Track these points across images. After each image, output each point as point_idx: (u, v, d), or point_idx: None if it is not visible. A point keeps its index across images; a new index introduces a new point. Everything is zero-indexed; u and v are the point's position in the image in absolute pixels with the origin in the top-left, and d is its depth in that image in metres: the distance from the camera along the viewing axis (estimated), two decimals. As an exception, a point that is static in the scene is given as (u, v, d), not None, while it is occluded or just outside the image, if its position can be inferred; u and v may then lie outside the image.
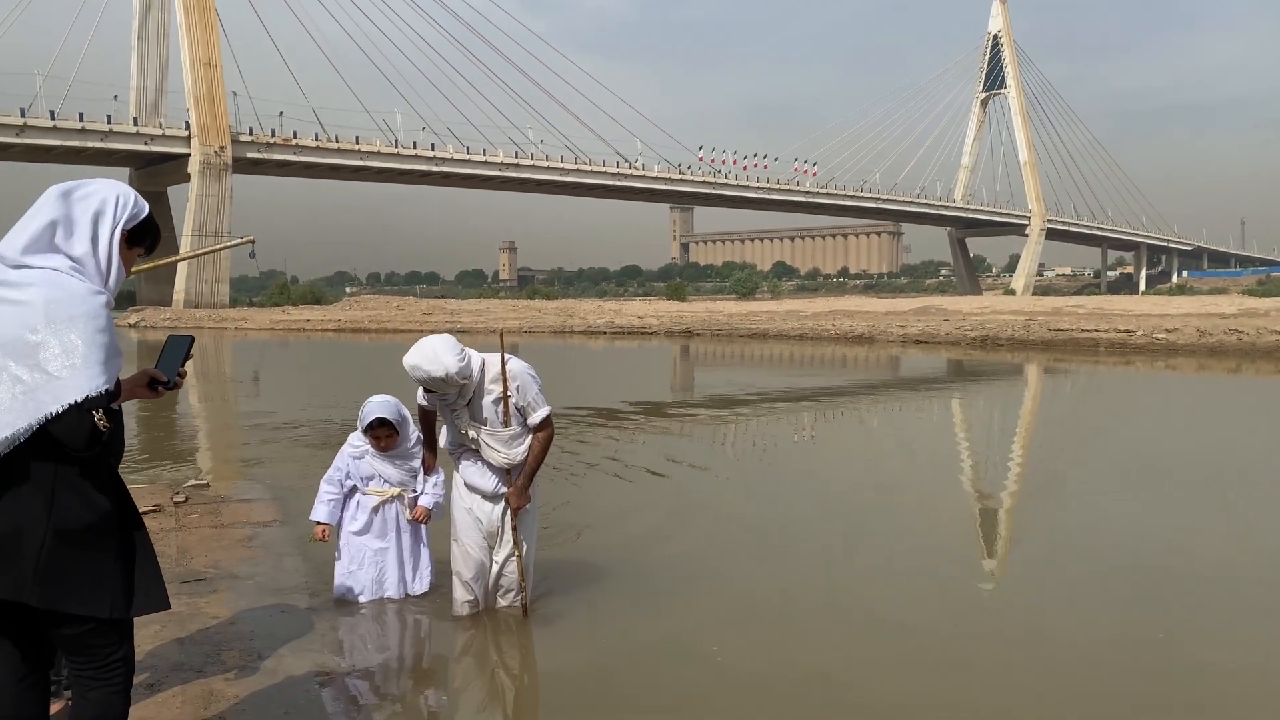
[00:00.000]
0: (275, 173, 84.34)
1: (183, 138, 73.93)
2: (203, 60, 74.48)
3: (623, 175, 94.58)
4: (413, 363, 4.09)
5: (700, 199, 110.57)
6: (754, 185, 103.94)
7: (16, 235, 2.27)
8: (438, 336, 4.21)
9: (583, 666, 4.02)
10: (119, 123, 72.08)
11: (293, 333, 43.93)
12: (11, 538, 2.12)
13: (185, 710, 3.33)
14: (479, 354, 4.30)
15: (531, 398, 4.31)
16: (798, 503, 7.44)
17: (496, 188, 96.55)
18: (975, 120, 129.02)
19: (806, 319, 37.10)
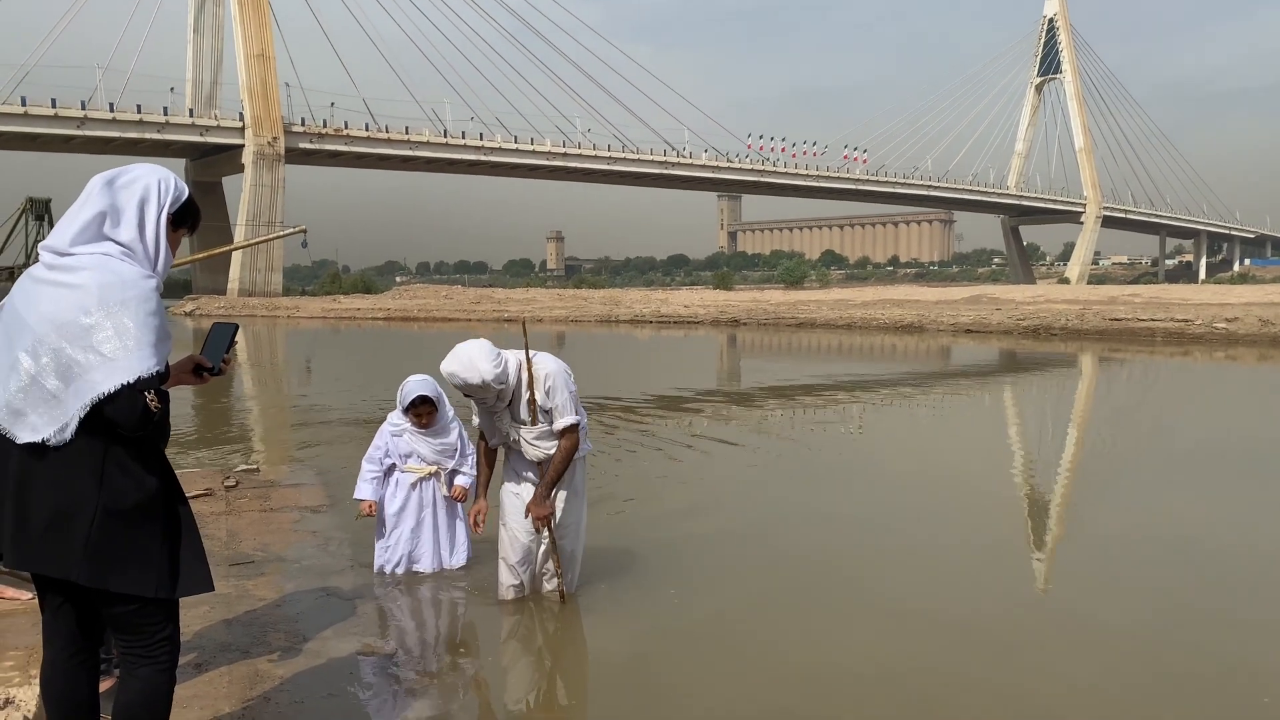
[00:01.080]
0: (326, 163, 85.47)
1: (237, 129, 75.22)
2: (256, 52, 75.63)
3: (670, 164, 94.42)
4: (450, 370, 4.10)
5: (748, 187, 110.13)
6: (803, 173, 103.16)
7: (66, 226, 2.30)
8: (474, 342, 4.18)
9: (623, 650, 4.02)
10: (175, 114, 73.55)
11: (344, 321, 44.54)
12: (63, 516, 2.16)
13: (232, 690, 3.39)
14: (516, 355, 4.28)
15: (560, 401, 4.25)
16: (843, 492, 7.37)
17: (544, 177, 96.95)
18: (1029, 106, 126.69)
19: (855, 308, 36.74)
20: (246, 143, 74.56)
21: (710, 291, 69.35)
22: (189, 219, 2.48)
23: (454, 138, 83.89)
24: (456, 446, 4.89)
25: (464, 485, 4.84)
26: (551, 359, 4.36)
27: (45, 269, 2.28)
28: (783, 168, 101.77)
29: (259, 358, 24.33)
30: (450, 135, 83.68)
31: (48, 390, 2.17)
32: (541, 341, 27.48)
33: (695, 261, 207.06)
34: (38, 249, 2.37)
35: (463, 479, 4.86)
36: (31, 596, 3.60)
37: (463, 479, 4.86)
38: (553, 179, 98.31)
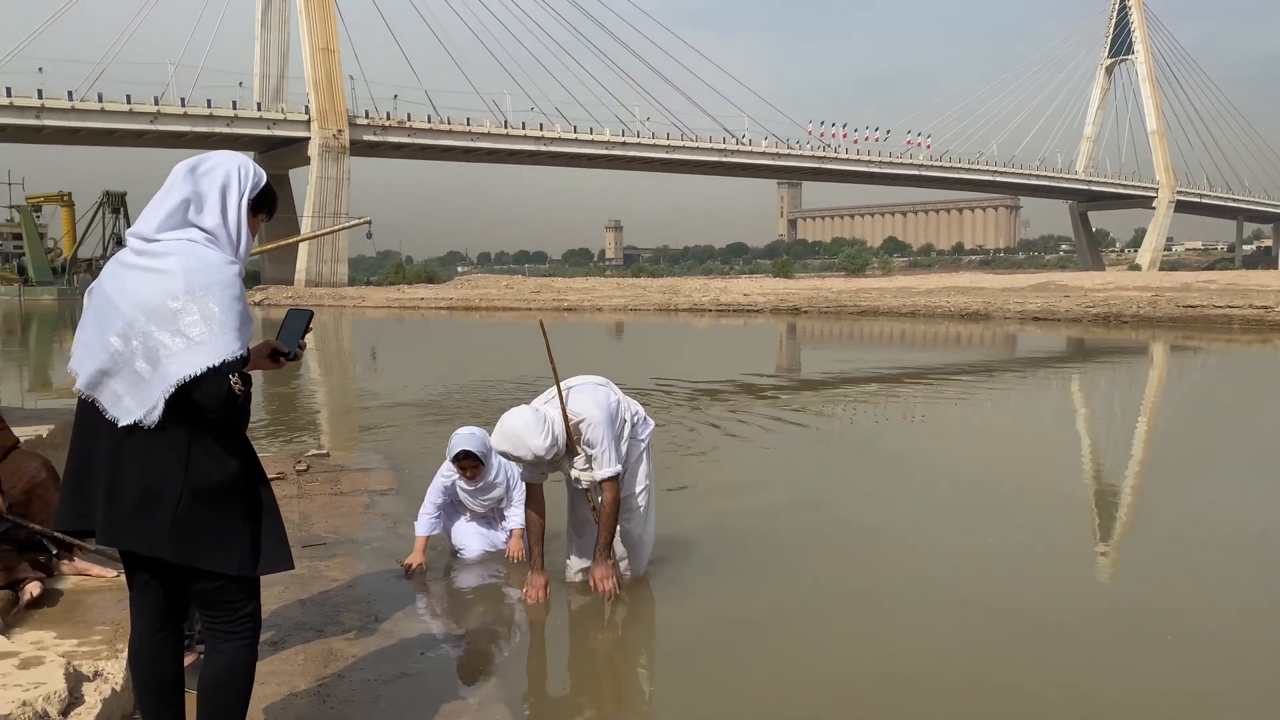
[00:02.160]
0: (390, 155, 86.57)
1: (303, 122, 76.57)
2: (321, 46, 76.83)
3: (729, 151, 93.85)
4: (501, 450, 4.11)
5: (809, 174, 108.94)
6: (864, 159, 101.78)
7: (152, 214, 2.36)
8: (521, 417, 4.06)
9: (688, 638, 4.03)
10: (244, 108, 75.15)
11: (408, 311, 45.15)
12: (151, 495, 2.23)
13: (307, 667, 3.47)
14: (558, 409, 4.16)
15: (600, 450, 4.17)
16: (906, 481, 7.28)
17: (603, 166, 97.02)
18: (1099, 88, 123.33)
19: (919, 296, 36.21)
20: (312, 135, 75.85)
21: (770, 280, 68.87)
22: (267, 204, 2.53)
23: (514, 128, 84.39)
24: (503, 500, 4.96)
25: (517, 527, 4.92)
26: (588, 397, 4.22)
27: (133, 255, 2.34)
28: (844, 154, 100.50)
29: (326, 346, 24.80)
30: (511, 126, 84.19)
31: (137, 373, 2.23)
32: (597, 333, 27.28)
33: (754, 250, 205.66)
34: (125, 235, 2.44)
35: (515, 520, 4.93)
36: (116, 574, 3.72)
37: (515, 520, 4.93)
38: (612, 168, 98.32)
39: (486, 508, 4.97)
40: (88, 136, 73.63)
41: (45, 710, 2.52)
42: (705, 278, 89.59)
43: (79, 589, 3.65)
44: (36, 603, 3.41)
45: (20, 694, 2.54)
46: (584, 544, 4.53)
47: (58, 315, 45.78)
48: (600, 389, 4.36)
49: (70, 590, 3.63)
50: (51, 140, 74.73)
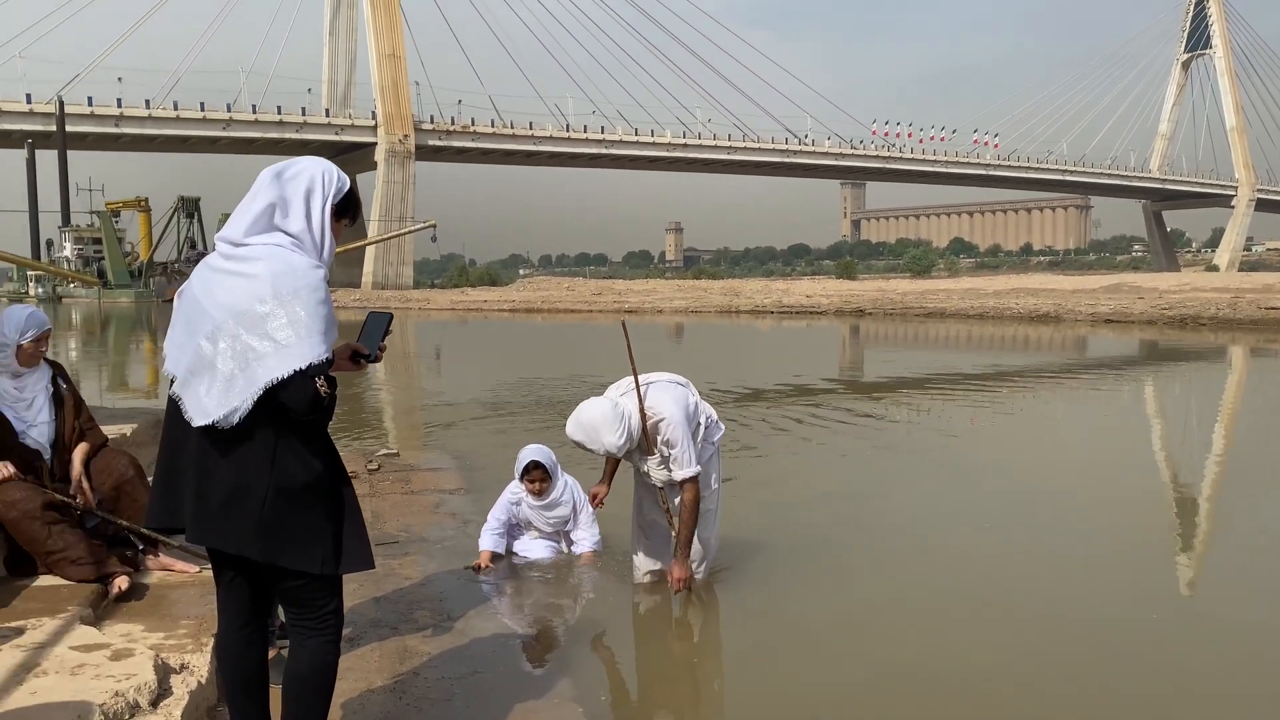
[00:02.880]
0: (454, 159, 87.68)
1: (369, 127, 77.96)
2: (387, 53, 78.13)
3: (792, 152, 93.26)
4: (575, 439, 4.12)
5: (873, 174, 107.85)
6: (930, 159, 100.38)
7: (239, 219, 2.41)
8: (597, 409, 4.06)
9: (751, 642, 4.01)
10: (312, 115, 76.78)
11: (471, 313, 45.65)
12: (238, 494, 2.28)
13: (383, 664, 3.52)
14: (634, 404, 4.15)
15: (678, 451, 4.14)
16: (974, 486, 7.15)
17: (664, 168, 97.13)
18: (1175, 84, 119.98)
19: (987, 297, 35.58)
20: (379, 141, 77.20)
21: (833, 281, 68.28)
22: (350, 209, 2.56)
23: (576, 132, 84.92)
24: (569, 519, 4.95)
25: (586, 550, 4.91)
26: (668, 396, 4.21)
27: (222, 259, 2.39)
28: (909, 153, 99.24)
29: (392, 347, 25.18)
30: (573, 129, 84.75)
31: (223, 375, 2.27)
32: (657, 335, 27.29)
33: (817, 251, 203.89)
34: (214, 239, 2.49)
35: (583, 544, 4.93)
36: (199, 569, 3.82)
37: (583, 544, 4.93)
38: (672, 170, 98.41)
39: (553, 527, 4.97)
40: (164, 144, 75.91)
41: (136, 701, 2.60)
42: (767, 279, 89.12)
43: (164, 583, 3.75)
44: (124, 596, 3.51)
45: (113, 684, 2.62)
46: (651, 545, 4.53)
47: (134, 317, 47.21)
48: (679, 388, 4.36)
49: (156, 584, 3.73)
50: (129, 148, 77.23)
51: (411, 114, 78.70)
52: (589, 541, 4.93)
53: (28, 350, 3.80)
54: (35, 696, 2.52)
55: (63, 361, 4.41)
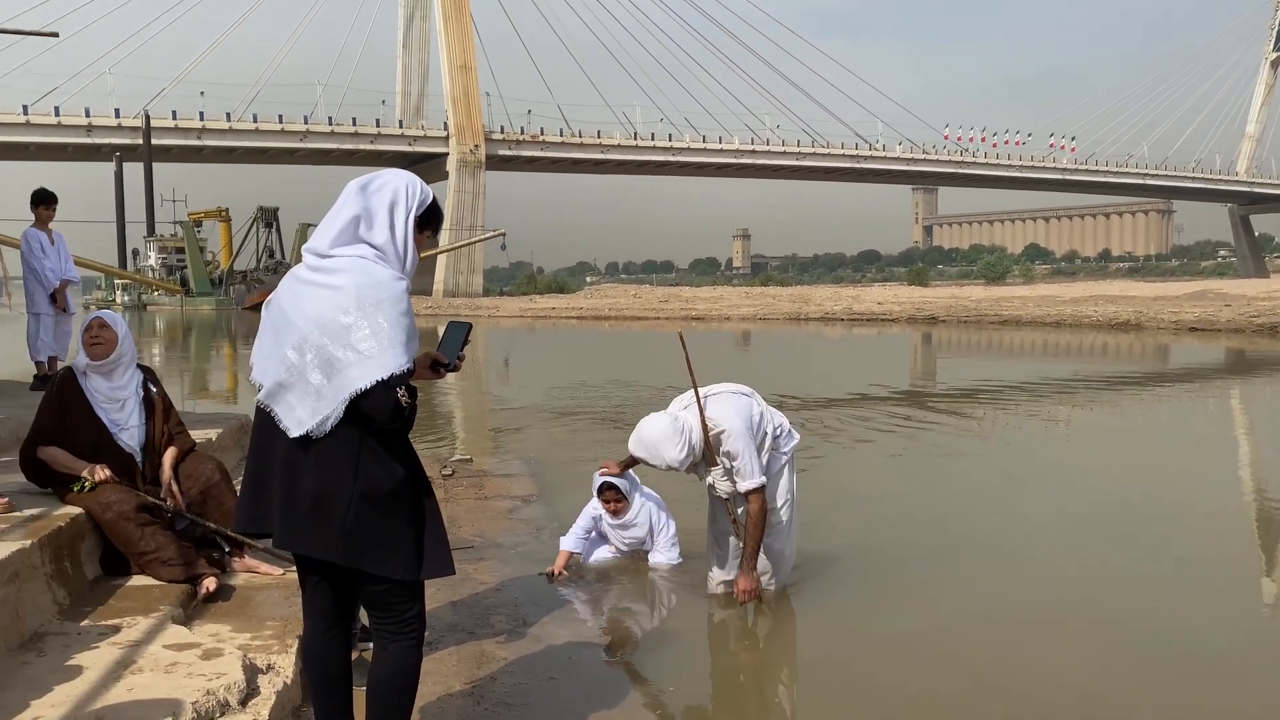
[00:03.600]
0: (523, 169, 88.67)
1: (441, 138, 79.26)
2: (459, 64, 79.37)
3: (862, 157, 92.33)
4: (638, 456, 4.16)
5: (945, 179, 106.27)
6: (1004, 163, 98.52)
7: (325, 230, 2.46)
8: (658, 425, 4.08)
9: (827, 655, 3.97)
10: (386, 126, 78.38)
11: (539, 320, 46.02)
12: (323, 500, 2.33)
13: (461, 668, 3.57)
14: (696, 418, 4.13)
15: (740, 463, 4.10)
16: (1052, 498, 6.97)
17: (732, 175, 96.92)
18: (1264, 84, 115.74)
19: (1064, 304, 34.72)
20: (450, 151, 78.42)
21: (904, 288, 67.33)
22: (432, 221, 2.60)
23: (644, 139, 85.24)
24: (645, 540, 4.95)
25: (662, 563, 4.91)
26: (729, 407, 4.18)
27: (308, 270, 2.45)
28: (982, 158, 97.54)
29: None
30: (640, 137, 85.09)
31: (311, 385, 2.33)
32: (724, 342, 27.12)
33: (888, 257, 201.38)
34: (302, 250, 2.55)
35: (658, 558, 4.93)
36: (283, 572, 3.91)
37: (658, 558, 4.93)
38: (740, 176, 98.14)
39: (630, 547, 4.98)
40: (243, 155, 78.11)
41: (226, 699, 2.67)
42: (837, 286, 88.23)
43: (249, 585, 3.85)
44: (212, 597, 3.61)
45: (204, 683, 2.70)
46: (724, 555, 4.51)
47: (215, 324, 48.61)
48: (742, 398, 4.33)
49: (241, 586, 3.83)
50: (211, 159, 79.58)
51: (482, 124, 79.78)
52: (667, 560, 4.93)
53: (84, 340, 3.92)
54: (132, 693, 2.60)
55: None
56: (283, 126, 75.10)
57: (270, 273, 66.37)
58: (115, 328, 4.00)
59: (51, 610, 3.17)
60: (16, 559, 3.02)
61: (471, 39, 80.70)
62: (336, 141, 76.08)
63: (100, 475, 3.73)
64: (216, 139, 74.46)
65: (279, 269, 63.36)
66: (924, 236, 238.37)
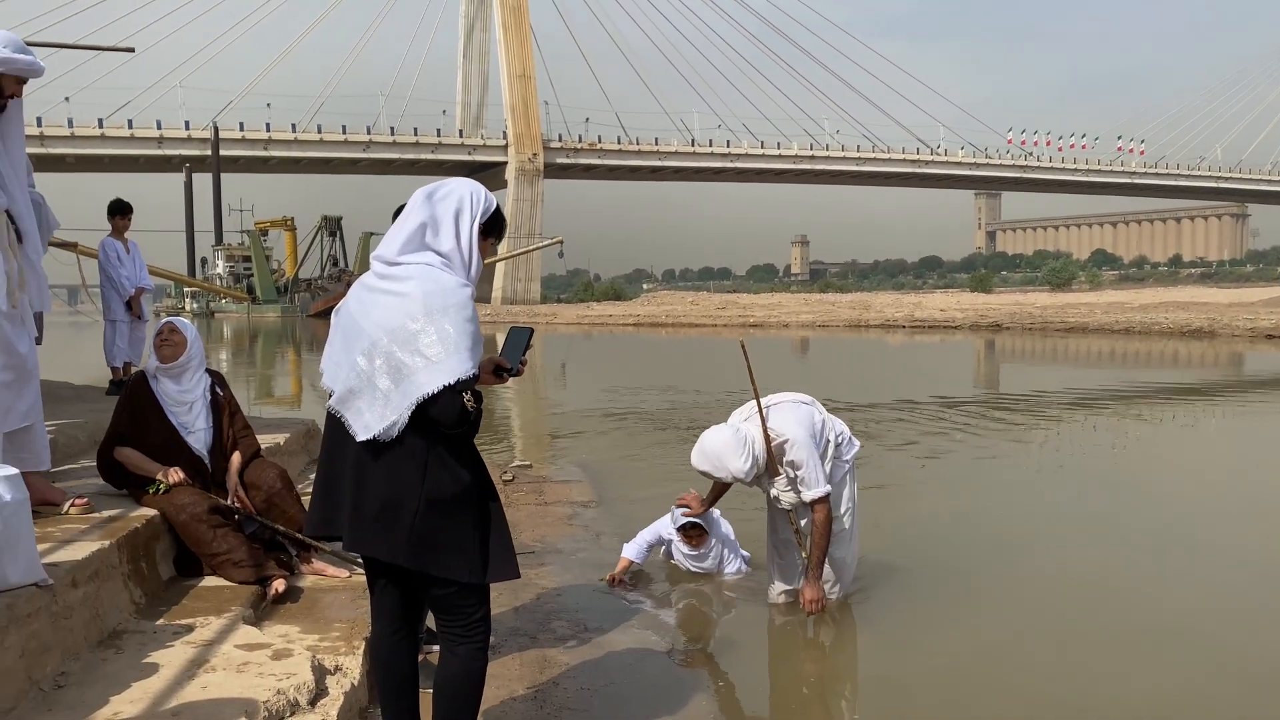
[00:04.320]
0: (581, 176, 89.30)
1: (500, 147, 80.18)
2: (518, 73, 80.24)
3: (923, 162, 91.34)
4: (703, 470, 4.12)
5: (1009, 184, 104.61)
6: (1070, 167, 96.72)
7: (393, 238, 2.50)
8: (720, 436, 4.05)
9: (887, 669, 3.91)
10: (447, 136, 79.52)
11: (596, 327, 46.20)
12: (391, 505, 2.36)
13: (524, 672, 3.58)
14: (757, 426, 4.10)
15: (804, 472, 4.07)
16: (1123, 507, 6.80)
17: (790, 181, 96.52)
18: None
19: (1133, 311, 33.92)
20: (509, 160, 79.30)
21: (967, 294, 66.31)
22: (496, 228, 2.63)
23: (701, 146, 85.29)
24: (715, 568, 4.92)
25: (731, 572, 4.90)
26: (791, 416, 4.14)
27: (376, 278, 2.49)
28: (1047, 162, 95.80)
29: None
30: (698, 144, 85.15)
31: (380, 390, 2.36)
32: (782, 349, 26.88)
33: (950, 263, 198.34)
34: (371, 258, 2.60)
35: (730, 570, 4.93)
36: (349, 574, 3.97)
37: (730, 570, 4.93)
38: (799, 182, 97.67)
39: (700, 571, 4.95)
40: (308, 165, 79.84)
41: (296, 699, 2.71)
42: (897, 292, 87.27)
43: (316, 587, 3.91)
44: (281, 598, 3.67)
45: (275, 683, 2.75)
46: (785, 565, 4.47)
47: (280, 331, 49.63)
48: (804, 407, 4.29)
49: (309, 588, 3.89)
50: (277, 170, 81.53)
51: (540, 133, 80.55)
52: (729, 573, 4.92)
53: (155, 343, 4.03)
54: (206, 692, 2.66)
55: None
56: (346, 137, 76.61)
57: (334, 281, 67.64)
58: (185, 332, 4.10)
59: (129, 609, 3.25)
60: (97, 558, 3.10)
61: (530, 48, 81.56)
62: (398, 151, 77.36)
63: (174, 478, 3.82)
64: (282, 150, 76.23)
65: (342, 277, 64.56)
66: (987, 242, 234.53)
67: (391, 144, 77.35)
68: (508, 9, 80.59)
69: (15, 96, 3.43)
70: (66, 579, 2.87)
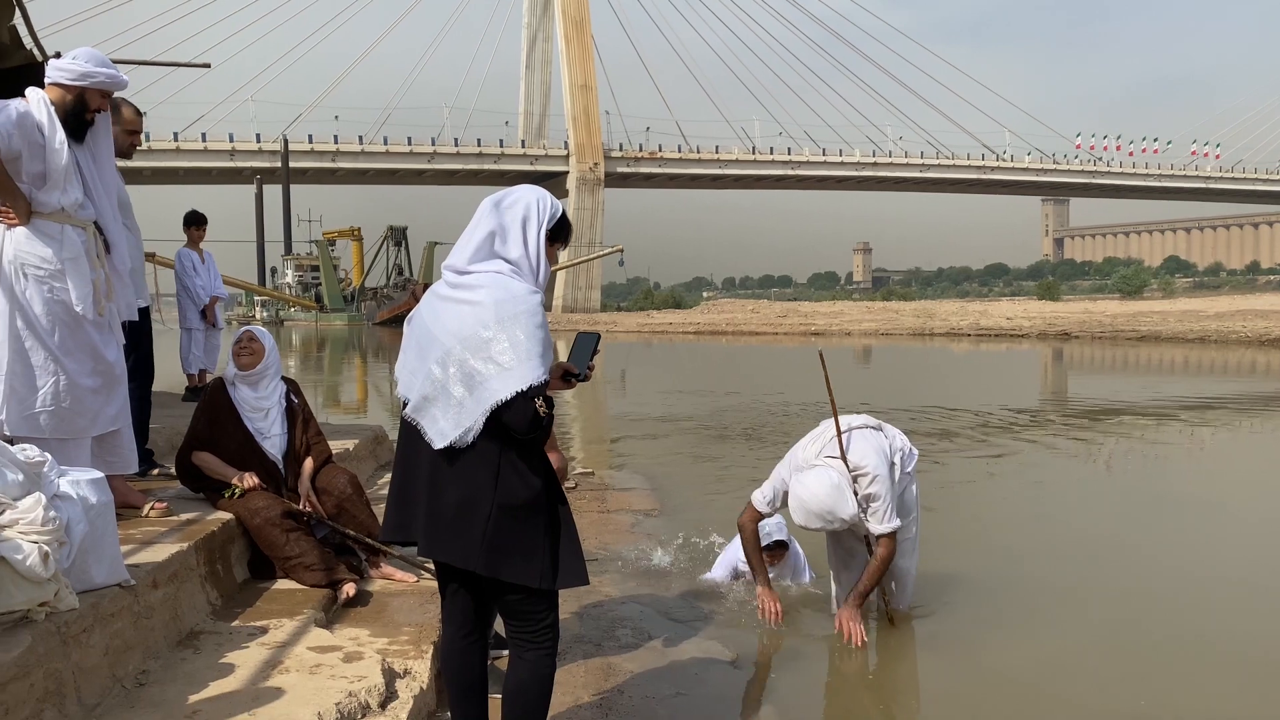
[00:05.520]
0: (641, 185, 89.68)
1: (562, 156, 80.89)
2: (580, 84, 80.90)
3: (989, 168, 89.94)
4: (814, 527, 3.99)
5: (1077, 190, 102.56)
6: (1141, 172, 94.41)
7: (463, 247, 2.54)
8: (820, 490, 3.90)
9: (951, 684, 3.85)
10: (509, 146, 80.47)
11: (656, 335, 46.25)
12: (466, 511, 2.39)
13: (589, 680, 3.59)
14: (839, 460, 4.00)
15: (879, 505, 3.98)
16: (1192, 524, 6.58)
17: (852, 188, 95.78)
18: None
19: (1208, 319, 32.95)
20: (571, 169, 79.95)
21: (1034, 302, 65.00)
22: (562, 235, 2.65)
23: (762, 154, 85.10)
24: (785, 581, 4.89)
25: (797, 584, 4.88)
26: (869, 447, 4.05)
27: (448, 287, 2.52)
28: (1118, 167, 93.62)
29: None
30: (759, 152, 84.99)
31: (454, 398, 2.40)
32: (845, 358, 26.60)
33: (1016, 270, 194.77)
34: (441, 267, 2.63)
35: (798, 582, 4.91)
36: (417, 579, 4.02)
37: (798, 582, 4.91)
38: (861, 189, 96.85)
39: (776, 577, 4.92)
40: (374, 176, 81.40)
41: (368, 702, 2.75)
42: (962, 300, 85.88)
43: (385, 591, 3.97)
44: (351, 602, 3.73)
45: (347, 685, 2.79)
46: (851, 576, 4.40)
47: (347, 339, 50.57)
48: (877, 434, 4.20)
49: (378, 592, 3.95)
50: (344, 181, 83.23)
51: (601, 142, 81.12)
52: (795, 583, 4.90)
53: (234, 351, 4.13)
54: (280, 692, 2.71)
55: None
56: (411, 148, 77.96)
57: (399, 289, 68.74)
58: (263, 340, 4.21)
59: (205, 610, 3.33)
60: (176, 560, 3.19)
61: (592, 59, 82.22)
62: (462, 162, 78.49)
63: (249, 482, 3.91)
64: (349, 161, 77.84)
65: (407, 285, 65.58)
66: (1054, 249, 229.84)
67: (455, 155, 78.53)
68: (570, 21, 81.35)
69: (102, 110, 3.56)
70: (147, 580, 2.95)
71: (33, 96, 3.39)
